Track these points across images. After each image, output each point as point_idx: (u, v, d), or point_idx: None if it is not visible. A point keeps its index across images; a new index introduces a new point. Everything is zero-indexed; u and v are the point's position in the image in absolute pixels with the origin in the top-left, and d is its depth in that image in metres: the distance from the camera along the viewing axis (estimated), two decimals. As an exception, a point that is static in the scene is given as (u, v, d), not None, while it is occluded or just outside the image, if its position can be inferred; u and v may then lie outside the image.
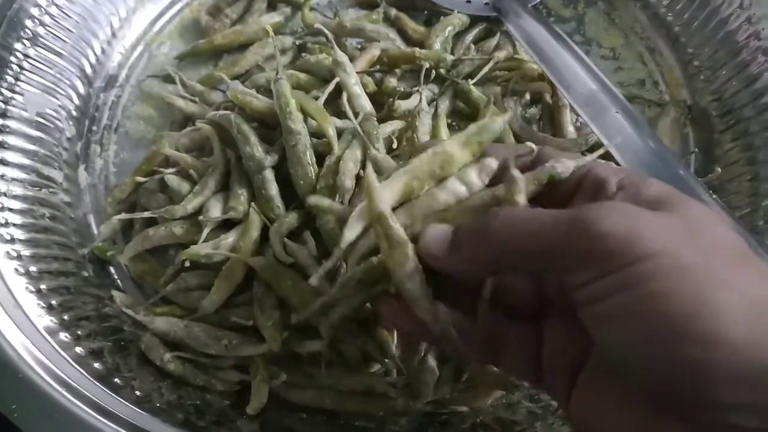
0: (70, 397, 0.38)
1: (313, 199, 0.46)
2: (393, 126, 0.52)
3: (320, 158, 0.49)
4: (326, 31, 0.54)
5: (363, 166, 0.47)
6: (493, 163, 0.33)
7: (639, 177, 0.30)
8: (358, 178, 0.47)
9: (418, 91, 0.54)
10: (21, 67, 0.55)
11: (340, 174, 0.46)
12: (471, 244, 0.30)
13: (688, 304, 0.24)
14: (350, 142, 0.48)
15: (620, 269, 0.25)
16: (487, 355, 0.34)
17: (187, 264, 0.47)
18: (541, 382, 0.33)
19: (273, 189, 0.49)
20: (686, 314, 0.23)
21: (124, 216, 0.52)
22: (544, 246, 0.27)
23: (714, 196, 0.48)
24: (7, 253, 0.47)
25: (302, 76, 0.57)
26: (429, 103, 0.55)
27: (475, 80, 0.57)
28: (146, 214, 0.51)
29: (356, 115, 0.49)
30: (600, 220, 0.25)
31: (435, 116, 0.55)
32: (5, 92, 0.53)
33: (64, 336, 0.44)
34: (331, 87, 0.51)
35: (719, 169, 0.54)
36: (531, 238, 0.27)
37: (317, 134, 0.50)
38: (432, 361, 0.45)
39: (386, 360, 0.46)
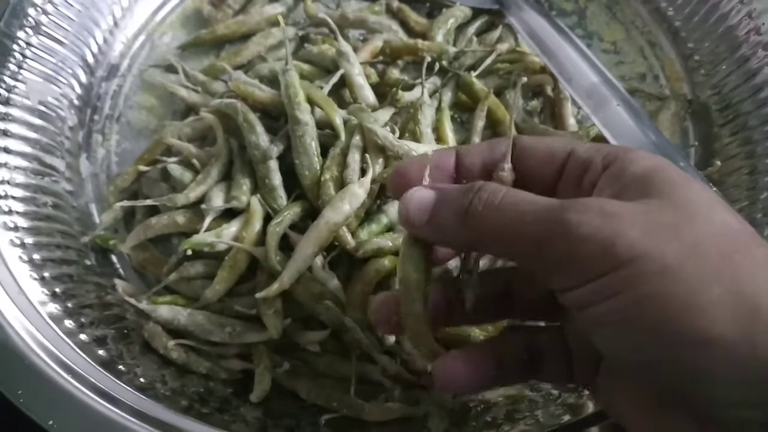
0: (75, 383, 0.38)
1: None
2: (387, 113, 0.52)
3: (322, 149, 0.49)
4: (330, 22, 0.54)
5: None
6: None
7: (623, 150, 0.28)
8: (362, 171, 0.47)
9: (420, 83, 0.54)
10: (24, 56, 0.54)
11: (348, 169, 0.46)
12: (449, 220, 0.28)
13: (675, 306, 0.23)
14: (354, 133, 0.48)
15: (603, 276, 0.24)
16: (529, 369, 0.33)
17: (189, 253, 0.47)
18: (573, 380, 0.33)
19: (276, 179, 0.49)
20: (673, 317, 0.23)
21: (125, 203, 0.51)
22: (525, 245, 0.26)
23: (714, 189, 0.49)
24: (11, 240, 0.47)
25: (305, 66, 0.57)
26: (431, 96, 0.55)
27: (477, 72, 0.57)
28: (148, 202, 0.51)
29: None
30: (579, 222, 0.24)
31: (439, 109, 0.55)
32: (8, 80, 0.53)
33: (68, 323, 0.44)
34: (336, 78, 0.51)
35: (719, 162, 0.54)
36: (512, 234, 0.26)
37: (318, 125, 0.50)
38: None
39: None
